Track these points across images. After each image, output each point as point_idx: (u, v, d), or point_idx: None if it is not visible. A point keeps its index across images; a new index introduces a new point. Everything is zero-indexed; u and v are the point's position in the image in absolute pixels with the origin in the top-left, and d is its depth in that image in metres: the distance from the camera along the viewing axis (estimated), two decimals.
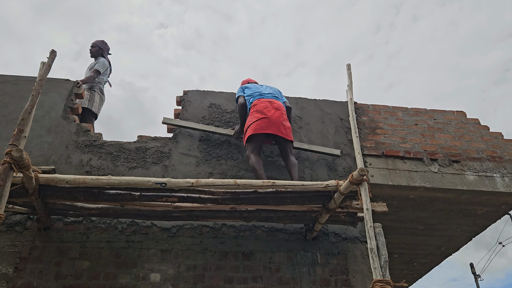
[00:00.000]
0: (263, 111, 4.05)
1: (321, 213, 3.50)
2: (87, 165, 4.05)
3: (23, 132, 2.82)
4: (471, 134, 4.94)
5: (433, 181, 4.42)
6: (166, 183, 2.99)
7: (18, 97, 4.38)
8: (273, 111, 4.04)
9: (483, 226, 5.40)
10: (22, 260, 3.44)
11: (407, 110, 5.08)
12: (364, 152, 4.51)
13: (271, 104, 4.12)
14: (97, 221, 3.73)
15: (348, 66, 4.25)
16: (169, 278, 3.49)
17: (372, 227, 2.87)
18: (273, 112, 4.03)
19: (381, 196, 4.47)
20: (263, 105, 4.10)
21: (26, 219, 3.66)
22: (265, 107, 4.08)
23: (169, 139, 4.37)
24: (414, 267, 6.99)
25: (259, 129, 3.95)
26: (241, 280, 3.57)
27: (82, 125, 4.34)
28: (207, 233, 3.81)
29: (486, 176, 4.56)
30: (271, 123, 3.97)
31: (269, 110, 4.04)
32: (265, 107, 4.08)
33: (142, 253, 3.61)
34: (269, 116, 4.00)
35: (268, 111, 4.03)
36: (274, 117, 4.00)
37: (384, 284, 2.57)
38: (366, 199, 2.99)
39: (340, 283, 3.67)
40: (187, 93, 4.77)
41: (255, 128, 3.96)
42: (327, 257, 3.83)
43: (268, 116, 4.00)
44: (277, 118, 4.01)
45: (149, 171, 4.09)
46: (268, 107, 4.08)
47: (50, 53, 3.29)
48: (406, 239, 5.83)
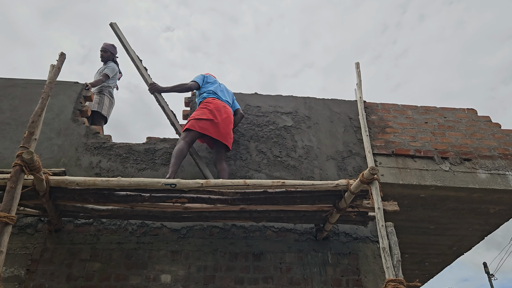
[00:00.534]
0: (215, 113, 4.00)
1: (331, 212, 3.47)
2: (97, 167, 4.06)
3: (34, 134, 2.84)
4: (482, 132, 4.88)
5: (444, 179, 4.37)
6: (176, 184, 2.99)
7: (28, 100, 4.41)
8: (225, 117, 4.04)
9: (495, 225, 5.32)
10: (34, 262, 3.46)
11: (416, 108, 5.03)
12: (374, 151, 4.47)
13: (225, 109, 4.11)
14: (108, 222, 3.74)
15: (357, 65, 4.22)
16: (179, 279, 3.49)
17: (384, 226, 2.85)
18: (224, 118, 4.02)
19: (392, 195, 4.43)
20: (217, 107, 4.05)
21: (37, 221, 3.68)
22: (218, 110, 4.04)
23: (178, 140, 4.37)
24: (425, 267, 6.92)
25: (205, 130, 3.91)
26: (252, 281, 3.56)
27: (91, 127, 4.36)
28: (217, 234, 3.80)
29: (498, 174, 4.50)
30: (219, 129, 3.95)
31: (221, 115, 4.02)
32: (218, 110, 4.04)
33: (152, 254, 3.61)
34: (220, 121, 3.98)
35: (220, 115, 4.00)
36: (224, 124, 4.00)
37: (397, 284, 2.55)
38: (378, 198, 2.96)
39: (351, 283, 3.64)
40: (195, 94, 4.77)
41: (202, 127, 3.91)
42: (338, 257, 3.80)
43: (219, 121, 3.97)
44: (226, 126, 4.02)
45: (159, 172, 4.09)
46: (221, 110, 4.05)
47: (59, 56, 3.31)
48: (417, 239, 5.77)
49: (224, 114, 4.05)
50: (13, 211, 2.54)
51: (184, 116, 4.64)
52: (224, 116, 4.04)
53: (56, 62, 3.30)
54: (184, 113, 4.65)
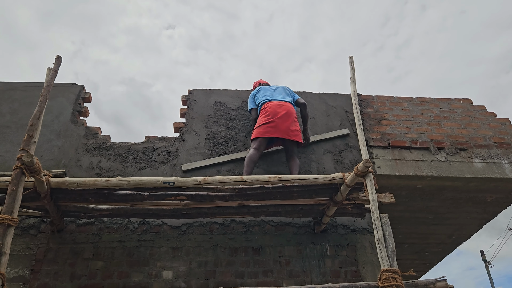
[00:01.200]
0: (271, 114, 4.10)
1: (328, 206, 3.53)
2: (97, 167, 4.12)
3: (33, 137, 2.89)
4: (478, 122, 4.92)
5: (441, 170, 4.42)
6: (174, 182, 3.05)
7: (27, 103, 4.47)
8: (282, 114, 4.10)
9: (493, 213, 5.38)
10: (38, 262, 3.53)
11: (412, 100, 5.07)
12: (370, 144, 4.52)
13: (280, 107, 4.17)
14: (109, 221, 3.81)
15: (351, 59, 4.25)
16: (181, 275, 3.56)
17: (378, 218, 2.90)
18: (281, 115, 4.09)
19: (389, 187, 4.49)
20: (272, 109, 4.15)
21: (39, 222, 3.75)
22: (274, 111, 4.13)
23: (176, 138, 4.43)
24: (426, 256, 6.99)
25: (266, 133, 4.02)
26: (252, 275, 3.62)
27: (90, 128, 4.42)
28: (217, 230, 3.86)
29: (494, 163, 4.54)
30: (278, 127, 4.04)
31: (277, 114, 4.10)
32: (274, 111, 4.13)
33: (153, 251, 3.68)
34: (277, 119, 4.06)
35: (276, 115, 4.09)
36: (281, 120, 4.06)
37: (392, 274, 2.60)
38: (372, 190, 3.01)
39: (350, 274, 3.70)
40: (192, 92, 4.82)
41: (263, 132, 4.04)
42: (336, 249, 3.86)
43: (275, 119, 4.06)
44: (284, 121, 4.07)
45: (158, 170, 4.15)
46: (276, 110, 4.13)
47: (55, 59, 3.35)
48: (416, 229, 5.84)
49: (281, 112, 4.11)
50: (15, 213, 2.60)
51: (181, 115, 4.69)
52: (282, 113, 4.10)
53: (53, 65, 3.34)
54: (182, 111, 4.70)
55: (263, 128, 4.06)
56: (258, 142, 4.04)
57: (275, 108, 4.16)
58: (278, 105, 4.19)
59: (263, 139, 4.06)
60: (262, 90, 4.46)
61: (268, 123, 4.07)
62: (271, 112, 4.13)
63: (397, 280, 2.57)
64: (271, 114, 4.11)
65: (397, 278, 2.58)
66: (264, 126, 4.07)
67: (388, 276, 2.59)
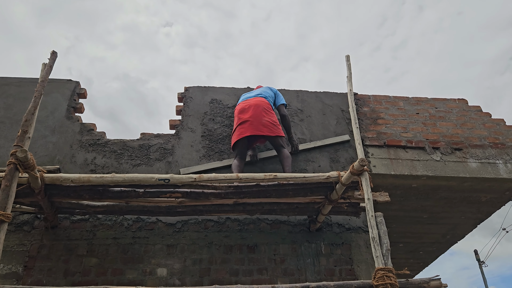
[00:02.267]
0: (238, 115, 4.11)
1: (323, 204, 3.53)
2: (92, 163, 4.10)
3: (27, 133, 2.87)
4: (473, 122, 4.93)
5: (436, 169, 4.43)
6: (170, 179, 3.04)
7: (22, 99, 4.44)
8: (248, 111, 4.05)
9: (487, 213, 5.41)
10: (31, 258, 3.51)
11: (408, 99, 5.08)
12: (366, 143, 4.53)
13: (246, 104, 4.13)
14: (103, 218, 3.79)
15: (347, 58, 4.26)
16: (175, 273, 3.55)
17: (373, 217, 2.90)
18: (247, 111, 4.05)
19: (384, 186, 4.50)
20: (238, 109, 4.16)
21: (33, 218, 3.73)
22: (240, 111, 4.12)
23: (172, 135, 4.42)
24: (420, 256, 7.02)
25: (238, 135, 3.99)
26: (247, 272, 3.62)
27: (85, 124, 4.40)
28: (212, 227, 3.85)
29: (488, 163, 4.56)
30: (248, 124, 3.99)
31: (245, 112, 4.07)
32: (240, 111, 4.12)
33: (148, 248, 3.66)
34: (244, 118, 4.03)
35: (243, 114, 4.07)
36: (249, 116, 4.01)
37: (386, 272, 2.61)
38: (367, 189, 3.02)
39: (344, 273, 3.71)
40: (188, 89, 4.81)
41: (236, 136, 4.02)
42: (331, 247, 3.86)
43: (243, 118, 4.03)
44: (252, 116, 4.00)
45: (153, 168, 4.14)
46: (243, 109, 4.11)
47: (51, 55, 3.33)
48: (411, 228, 5.86)
49: (247, 109, 4.06)
50: (9, 209, 2.59)
51: (177, 112, 4.68)
52: (248, 109, 4.05)
53: (48, 60, 3.32)
54: (178, 108, 4.69)
55: (236, 131, 4.04)
56: (236, 151, 4.03)
57: (241, 107, 4.15)
58: (244, 103, 4.17)
59: (241, 143, 4.01)
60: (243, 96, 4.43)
61: (238, 125, 4.05)
62: (238, 113, 4.13)
63: (392, 279, 2.58)
64: (238, 114, 4.11)
65: (391, 277, 2.58)
66: (236, 129, 4.05)
67: (383, 274, 2.59)
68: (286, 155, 3.98)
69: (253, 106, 4.07)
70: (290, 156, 4.01)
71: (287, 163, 3.93)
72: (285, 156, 3.98)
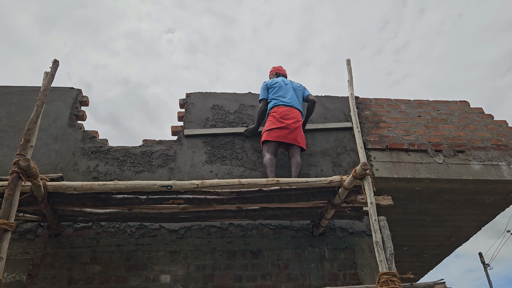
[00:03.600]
0: (281, 120, 4.21)
1: (326, 208, 3.52)
2: (94, 171, 4.11)
3: (30, 141, 2.88)
4: (475, 124, 4.92)
5: (439, 172, 4.42)
6: (172, 186, 3.04)
7: (24, 107, 4.46)
8: (291, 121, 4.20)
9: (491, 215, 5.38)
10: (35, 266, 3.51)
11: (409, 102, 5.08)
12: (368, 146, 4.52)
13: (290, 113, 4.27)
14: (106, 225, 3.79)
15: (348, 61, 4.25)
16: (179, 279, 3.55)
17: (376, 221, 2.89)
18: (291, 122, 4.19)
19: (387, 190, 4.48)
20: (282, 115, 4.25)
21: (37, 226, 3.74)
22: (284, 117, 4.23)
23: (173, 142, 4.42)
24: (424, 259, 6.98)
25: (277, 138, 4.13)
26: (250, 278, 3.61)
27: (88, 132, 4.41)
28: (215, 233, 3.85)
29: (492, 165, 4.54)
30: (287, 133, 4.15)
31: (288, 119, 4.21)
32: (284, 117, 4.23)
33: (151, 255, 3.66)
34: (287, 126, 4.17)
35: (286, 121, 4.20)
36: (291, 127, 4.17)
37: (391, 276, 2.60)
38: (370, 193, 3.01)
39: (348, 277, 3.69)
40: (190, 95, 4.82)
41: (274, 136, 4.15)
42: (335, 252, 3.85)
43: (285, 126, 4.17)
44: (293, 129, 4.18)
45: (155, 174, 4.14)
46: (287, 116, 4.24)
47: (52, 63, 3.35)
48: (415, 231, 5.83)
49: (290, 119, 4.22)
50: (12, 218, 2.59)
51: (179, 118, 4.68)
52: (291, 121, 4.21)
53: (50, 69, 3.34)
54: (179, 114, 4.70)
55: (275, 132, 4.17)
56: (272, 147, 4.16)
57: (285, 114, 4.26)
58: (288, 111, 4.29)
59: (275, 143, 4.17)
60: (277, 87, 4.51)
61: (278, 129, 4.18)
62: (281, 118, 4.23)
63: (396, 283, 2.57)
64: (281, 120, 4.22)
65: (395, 281, 2.57)
66: (276, 130, 4.18)
67: (387, 279, 2.58)
68: (298, 161, 4.09)
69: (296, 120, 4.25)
70: (300, 163, 4.11)
71: (297, 169, 4.03)
72: (297, 162, 4.08)
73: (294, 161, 4.09)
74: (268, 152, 4.13)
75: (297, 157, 4.13)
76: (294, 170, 4.02)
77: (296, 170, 4.02)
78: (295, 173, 3.99)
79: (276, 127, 4.19)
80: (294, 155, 4.15)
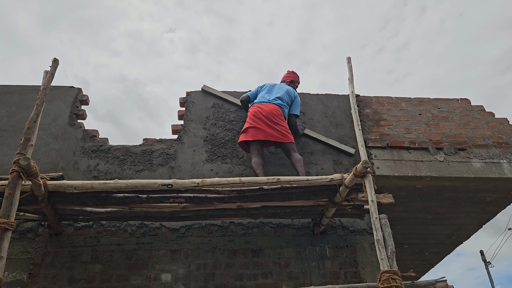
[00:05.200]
0: (253, 118, 4.15)
1: (327, 207, 3.52)
2: (95, 170, 4.10)
3: (30, 140, 2.87)
4: (476, 121, 4.91)
5: (440, 170, 4.41)
6: (172, 184, 3.03)
7: (25, 106, 4.45)
8: (262, 117, 4.11)
9: (492, 212, 5.37)
10: (36, 266, 3.51)
11: (410, 100, 5.07)
12: (369, 144, 4.51)
13: (262, 109, 4.18)
14: (107, 224, 3.79)
15: (348, 59, 4.25)
16: (180, 278, 3.54)
17: (377, 219, 2.89)
18: (262, 118, 4.10)
19: (388, 188, 4.48)
20: (253, 112, 4.20)
21: (37, 225, 3.73)
22: (254, 113, 4.17)
23: (174, 140, 4.42)
24: (425, 257, 6.98)
25: (250, 137, 4.06)
26: (251, 277, 3.61)
27: (88, 131, 4.40)
28: (216, 232, 3.85)
29: (493, 163, 4.54)
30: (260, 130, 4.05)
31: (259, 116, 4.12)
32: (254, 113, 4.17)
33: (152, 254, 3.66)
34: (257, 122, 4.09)
35: (257, 118, 4.12)
36: (262, 122, 4.08)
37: (392, 275, 2.59)
38: (371, 191, 3.00)
39: (349, 276, 3.69)
40: (190, 94, 4.81)
41: (247, 135, 4.08)
42: (336, 250, 3.85)
43: (255, 124, 4.09)
44: (270, 122, 4.08)
45: (156, 173, 4.14)
46: (257, 112, 4.16)
47: (52, 62, 3.34)
48: (416, 229, 5.83)
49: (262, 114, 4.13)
50: (12, 217, 2.58)
51: (179, 117, 4.68)
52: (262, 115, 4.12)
53: (50, 68, 3.33)
54: (180, 113, 4.69)
55: (247, 132, 4.11)
56: (254, 148, 4.08)
57: (257, 110, 4.19)
58: (260, 107, 4.21)
59: (256, 142, 4.10)
60: (265, 89, 4.49)
61: (250, 128, 4.11)
62: (253, 114, 4.18)
63: (397, 281, 2.56)
64: (253, 117, 4.16)
65: (397, 279, 2.57)
66: (250, 129, 4.11)
67: (388, 277, 2.57)
68: (297, 158, 4.01)
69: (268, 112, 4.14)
70: (301, 158, 4.03)
71: (299, 164, 3.95)
72: (297, 159, 4.00)
73: (293, 159, 4.02)
74: (252, 154, 4.07)
75: (293, 154, 4.04)
76: (297, 167, 3.94)
77: (299, 166, 3.93)
78: (301, 169, 3.90)
79: (249, 126, 4.14)
80: (289, 152, 4.07)
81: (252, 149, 4.09)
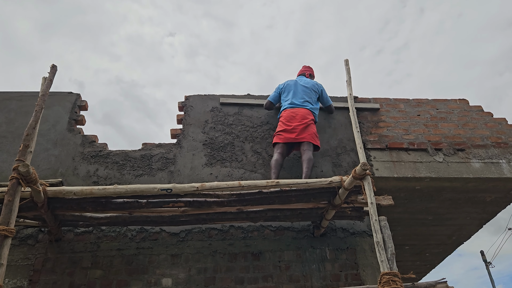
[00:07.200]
0: (287, 123, 4.31)
1: (327, 209, 3.52)
2: (94, 175, 4.11)
3: (29, 147, 2.88)
4: (475, 122, 4.92)
5: (439, 171, 4.41)
6: (172, 189, 3.04)
7: (23, 113, 4.46)
8: (296, 123, 4.27)
9: (493, 212, 5.38)
10: (36, 272, 3.51)
11: (408, 101, 5.08)
12: (367, 146, 4.52)
13: (295, 114, 4.35)
14: (107, 230, 3.79)
15: (346, 62, 4.26)
16: (180, 282, 3.54)
17: (377, 221, 2.89)
18: (296, 124, 4.26)
19: (388, 189, 4.48)
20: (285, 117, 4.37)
21: (37, 232, 3.73)
22: (289, 119, 4.33)
23: (173, 145, 4.42)
24: (426, 258, 6.97)
25: (286, 139, 4.22)
26: (252, 280, 3.60)
27: (87, 136, 4.41)
28: (216, 236, 3.85)
29: (492, 163, 4.54)
30: (290, 134, 4.22)
31: (292, 121, 4.30)
32: (289, 119, 4.33)
33: (152, 259, 3.66)
34: (293, 128, 4.24)
35: (291, 122, 4.29)
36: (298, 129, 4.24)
37: (392, 277, 2.59)
38: (370, 193, 3.01)
39: (350, 278, 3.69)
40: (189, 98, 4.81)
41: (281, 138, 4.25)
42: (336, 252, 3.85)
43: (292, 128, 4.24)
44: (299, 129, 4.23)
45: (155, 177, 4.14)
46: (290, 117, 4.34)
47: (50, 68, 3.35)
48: (416, 230, 5.83)
49: (295, 121, 4.30)
50: (12, 224, 2.59)
51: (178, 121, 4.68)
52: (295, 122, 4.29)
53: (48, 74, 3.34)
54: (178, 117, 4.70)
55: (283, 134, 4.26)
56: (279, 148, 4.21)
57: (289, 115, 4.36)
58: (293, 112, 4.38)
59: (283, 144, 4.23)
60: (286, 90, 4.64)
61: (284, 131, 4.26)
62: (286, 121, 4.33)
63: (397, 283, 2.56)
64: (286, 123, 4.31)
65: (397, 281, 2.57)
66: (282, 132, 4.27)
67: (388, 279, 2.57)
68: (311, 158, 4.08)
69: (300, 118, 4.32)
70: (312, 158, 4.09)
71: (306, 165, 4.02)
72: (310, 158, 4.07)
73: (304, 158, 4.09)
74: (276, 152, 4.20)
75: (307, 153, 4.13)
76: (305, 167, 4.00)
77: (307, 167, 3.99)
78: (306, 169, 3.97)
79: (282, 129, 4.28)
80: (304, 151, 4.16)
81: (277, 148, 4.22)
